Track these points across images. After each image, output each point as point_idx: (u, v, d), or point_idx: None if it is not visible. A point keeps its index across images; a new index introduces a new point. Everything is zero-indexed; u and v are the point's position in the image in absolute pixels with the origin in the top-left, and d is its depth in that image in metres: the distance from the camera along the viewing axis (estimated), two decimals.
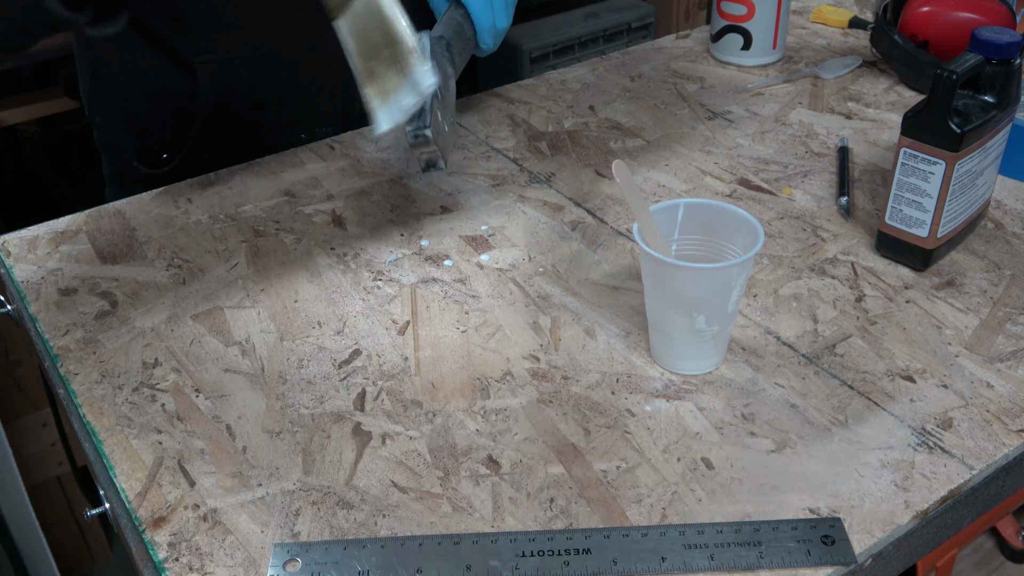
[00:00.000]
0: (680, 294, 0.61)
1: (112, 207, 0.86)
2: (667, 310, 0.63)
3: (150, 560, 0.54)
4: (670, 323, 0.63)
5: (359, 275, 0.77)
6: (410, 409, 0.64)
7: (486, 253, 0.79)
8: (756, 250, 0.60)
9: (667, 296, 0.62)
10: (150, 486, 0.58)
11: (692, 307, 0.61)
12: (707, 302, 0.61)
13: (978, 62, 0.70)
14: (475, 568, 0.52)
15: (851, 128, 0.96)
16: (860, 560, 0.53)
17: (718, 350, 0.65)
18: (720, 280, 0.60)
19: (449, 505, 0.57)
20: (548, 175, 0.90)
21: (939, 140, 0.70)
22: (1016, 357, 0.67)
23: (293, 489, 0.58)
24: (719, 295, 0.61)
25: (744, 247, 0.63)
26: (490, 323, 0.71)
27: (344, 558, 0.53)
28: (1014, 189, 0.86)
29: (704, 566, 0.52)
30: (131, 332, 0.71)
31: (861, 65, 1.09)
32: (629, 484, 0.58)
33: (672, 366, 0.66)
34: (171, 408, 0.64)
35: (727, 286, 0.60)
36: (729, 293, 0.61)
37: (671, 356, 0.65)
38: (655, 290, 0.63)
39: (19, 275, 0.78)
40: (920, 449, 0.59)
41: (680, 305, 0.62)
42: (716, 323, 0.62)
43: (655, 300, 0.64)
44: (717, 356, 0.66)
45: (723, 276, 0.60)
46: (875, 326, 0.70)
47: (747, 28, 1.07)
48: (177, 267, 0.78)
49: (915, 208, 0.73)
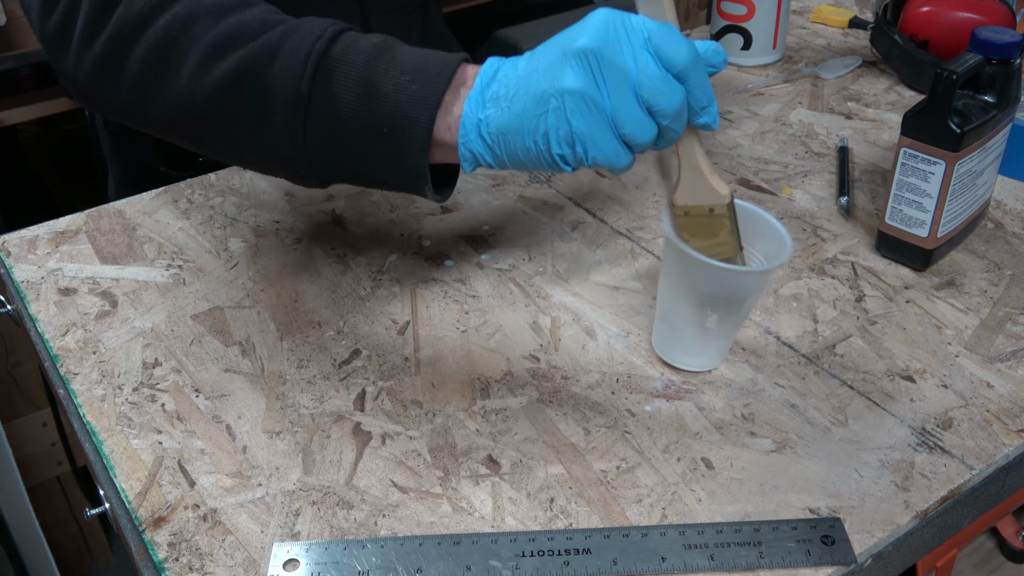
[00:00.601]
0: (698, 290, 0.61)
1: (112, 207, 0.86)
2: (680, 303, 0.63)
3: (150, 560, 0.54)
4: (681, 316, 0.63)
5: (359, 275, 0.77)
6: (410, 409, 0.64)
7: (486, 253, 0.79)
8: (783, 260, 0.60)
9: (684, 290, 0.62)
10: (150, 486, 0.58)
11: (707, 305, 0.61)
12: (723, 303, 0.61)
13: (978, 62, 0.70)
14: (475, 568, 0.52)
15: (851, 128, 0.96)
16: (860, 560, 0.53)
17: (721, 351, 0.65)
18: (740, 283, 0.60)
19: (449, 505, 0.57)
20: (548, 175, 0.90)
21: (939, 140, 0.70)
22: (1016, 357, 0.67)
23: (293, 489, 0.58)
24: (736, 298, 0.61)
25: (767, 254, 0.63)
26: (490, 323, 0.71)
27: (344, 558, 0.53)
28: (1014, 189, 0.86)
29: (704, 566, 0.52)
30: (131, 332, 0.71)
31: (861, 65, 1.09)
32: (629, 484, 0.58)
33: (673, 359, 0.66)
34: (171, 408, 0.64)
35: (745, 291, 0.60)
36: (745, 298, 0.61)
37: (674, 349, 0.66)
38: (673, 282, 0.63)
39: (19, 275, 0.78)
40: (920, 449, 0.59)
41: (695, 301, 0.61)
42: (726, 324, 0.62)
43: (670, 292, 0.64)
44: (719, 357, 0.66)
45: (744, 280, 0.60)
46: (875, 326, 0.70)
47: (747, 28, 1.07)
48: (177, 267, 0.78)
49: (915, 208, 0.73)
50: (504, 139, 0.55)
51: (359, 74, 0.57)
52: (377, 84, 0.57)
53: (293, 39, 0.58)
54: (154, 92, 0.61)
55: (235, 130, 0.61)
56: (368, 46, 0.58)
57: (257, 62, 0.58)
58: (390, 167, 0.59)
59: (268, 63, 0.58)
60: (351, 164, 0.60)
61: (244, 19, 0.60)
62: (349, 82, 0.57)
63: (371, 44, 0.59)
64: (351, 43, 0.59)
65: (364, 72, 0.57)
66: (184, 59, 0.59)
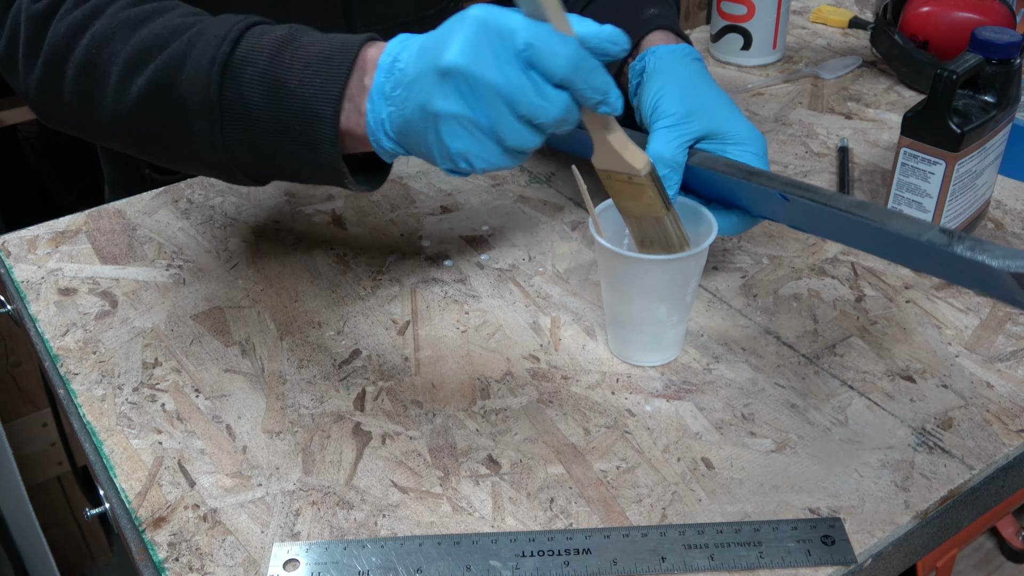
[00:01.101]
0: (638, 286, 0.62)
1: (112, 207, 0.86)
2: (623, 303, 0.64)
3: (150, 560, 0.54)
4: (629, 315, 0.64)
5: (359, 275, 0.77)
6: (410, 409, 0.64)
7: (486, 253, 0.79)
8: (709, 242, 0.61)
9: (626, 288, 0.63)
10: (150, 486, 0.58)
11: (652, 299, 0.62)
12: (667, 293, 0.62)
13: (978, 62, 0.70)
14: (475, 568, 0.52)
15: (851, 128, 0.96)
16: (860, 560, 0.53)
17: (678, 340, 0.66)
18: (676, 271, 0.61)
19: (449, 505, 0.57)
20: (548, 175, 0.90)
21: (939, 140, 0.70)
22: (1016, 357, 0.67)
23: (293, 489, 0.58)
24: (677, 286, 0.62)
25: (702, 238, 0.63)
26: (490, 323, 0.71)
27: (344, 558, 0.53)
28: (1014, 189, 0.86)
29: (704, 566, 0.52)
30: (131, 332, 0.71)
31: (861, 65, 1.09)
32: (629, 484, 0.58)
33: (632, 358, 0.66)
34: (171, 408, 0.64)
35: (685, 277, 0.61)
36: (687, 284, 0.62)
37: (632, 348, 0.66)
38: (614, 282, 0.64)
39: (19, 275, 0.78)
40: (920, 449, 0.59)
41: (639, 297, 0.62)
42: (676, 313, 0.63)
43: (612, 292, 0.64)
44: (676, 347, 0.66)
45: (678, 267, 0.61)
46: (875, 326, 0.70)
47: (747, 28, 1.07)
48: (177, 267, 0.78)
49: (915, 208, 0.73)
50: (405, 140, 0.55)
51: (264, 73, 0.57)
52: (283, 81, 0.57)
53: (200, 45, 0.59)
54: (89, 109, 0.63)
55: (164, 139, 0.62)
56: (272, 41, 0.58)
57: (168, 74, 0.59)
58: (308, 162, 0.59)
59: (178, 73, 0.59)
60: (274, 161, 0.60)
61: (156, 29, 0.61)
62: (255, 83, 0.57)
63: (275, 38, 0.58)
64: (256, 40, 0.58)
65: (269, 70, 0.57)
66: (107, 78, 0.61)
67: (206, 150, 0.60)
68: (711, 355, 0.67)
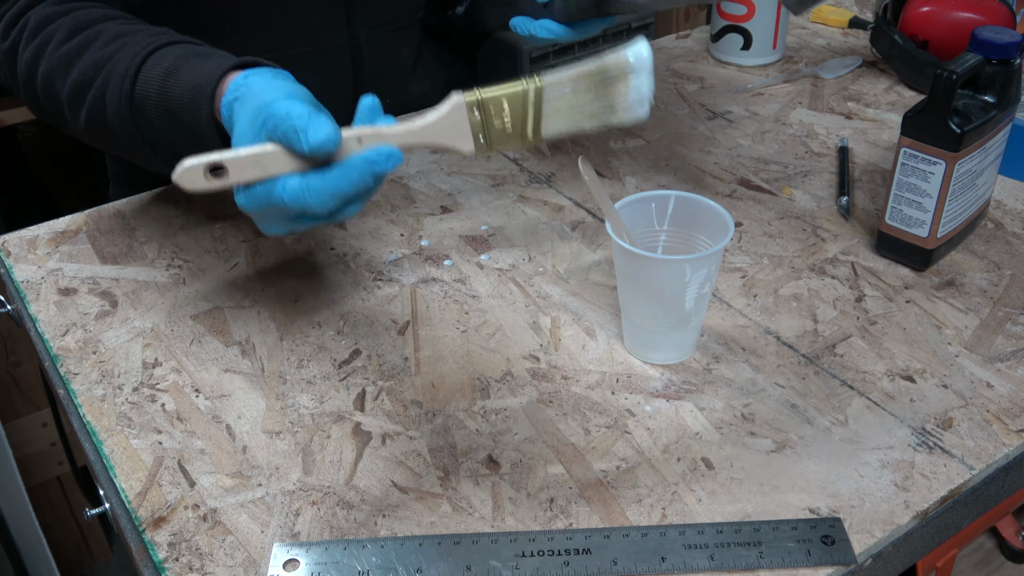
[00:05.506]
0: (654, 285, 0.62)
1: (112, 207, 0.86)
2: (640, 302, 0.64)
3: (150, 560, 0.54)
4: (637, 312, 0.64)
5: (359, 275, 0.77)
6: (410, 409, 0.64)
7: (486, 253, 0.79)
8: (723, 244, 0.60)
9: (633, 286, 0.63)
10: (150, 486, 0.58)
11: (669, 297, 0.62)
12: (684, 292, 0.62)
13: (978, 62, 0.70)
14: (475, 568, 0.52)
15: (851, 128, 0.96)
16: (860, 560, 0.53)
17: (693, 339, 0.66)
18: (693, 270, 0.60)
19: (449, 505, 0.57)
20: (548, 175, 0.90)
21: (939, 140, 0.70)
22: (1016, 357, 0.67)
23: (293, 489, 0.58)
24: (694, 284, 0.61)
25: (715, 240, 0.63)
26: (490, 323, 0.71)
27: (344, 558, 0.53)
28: (1014, 189, 0.86)
29: (704, 566, 0.52)
30: (131, 332, 0.71)
31: (861, 65, 1.09)
32: (629, 484, 0.58)
33: (646, 356, 0.67)
34: (171, 408, 0.64)
35: (680, 279, 0.60)
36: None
37: (641, 346, 0.66)
38: (629, 283, 0.64)
39: (19, 275, 0.78)
40: (920, 449, 0.59)
41: (656, 296, 0.62)
42: (693, 312, 0.63)
43: (630, 293, 0.64)
44: (692, 346, 0.66)
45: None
46: (875, 326, 0.70)
47: (747, 28, 1.07)
48: (177, 267, 0.78)
49: (915, 208, 0.73)
50: None
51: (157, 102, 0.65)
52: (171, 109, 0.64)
53: (112, 84, 0.67)
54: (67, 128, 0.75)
55: (124, 152, 0.72)
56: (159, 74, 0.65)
57: (97, 113, 0.69)
58: None
59: (102, 111, 0.68)
60: None
61: (83, 68, 0.69)
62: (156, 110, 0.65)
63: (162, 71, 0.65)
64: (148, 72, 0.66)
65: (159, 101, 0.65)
66: (62, 111, 0.72)
67: (152, 166, 0.70)
68: (711, 355, 0.67)
